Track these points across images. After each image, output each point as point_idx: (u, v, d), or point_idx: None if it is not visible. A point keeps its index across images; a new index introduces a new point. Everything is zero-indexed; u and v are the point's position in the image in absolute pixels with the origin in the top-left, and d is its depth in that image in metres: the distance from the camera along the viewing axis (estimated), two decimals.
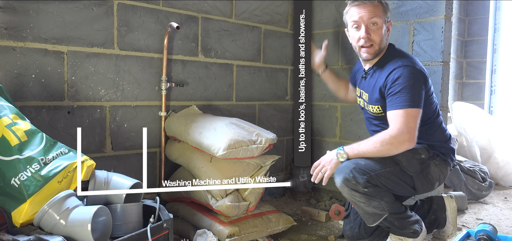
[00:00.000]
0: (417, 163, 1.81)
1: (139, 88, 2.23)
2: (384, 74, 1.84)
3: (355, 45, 1.92)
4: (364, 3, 1.85)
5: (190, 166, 2.14)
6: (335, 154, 1.83)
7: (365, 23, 1.84)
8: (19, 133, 1.44)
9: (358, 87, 2.08)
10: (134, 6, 2.17)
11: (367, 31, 1.84)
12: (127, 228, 1.55)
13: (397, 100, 1.75)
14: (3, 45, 1.78)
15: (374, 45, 1.85)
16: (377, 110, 1.91)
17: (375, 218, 1.79)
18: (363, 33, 1.84)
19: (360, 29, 1.86)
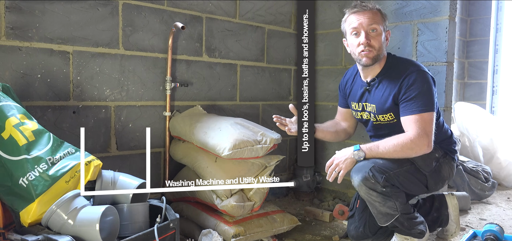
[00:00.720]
0: (432, 162, 1.84)
1: (144, 88, 2.23)
2: (396, 82, 1.84)
3: (354, 51, 1.92)
4: (363, 10, 1.87)
5: (195, 166, 2.15)
6: (351, 152, 1.82)
7: (365, 29, 1.85)
8: (27, 132, 1.44)
9: (359, 102, 2.02)
10: (139, 6, 2.18)
11: (367, 37, 1.85)
12: (134, 228, 1.56)
13: (413, 105, 1.77)
14: (9, 45, 1.79)
15: (373, 51, 1.86)
16: (388, 118, 1.90)
17: (387, 218, 1.80)
18: (363, 39, 1.85)
19: (359, 36, 1.87)
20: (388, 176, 1.74)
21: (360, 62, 1.92)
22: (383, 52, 1.89)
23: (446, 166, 1.92)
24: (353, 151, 1.81)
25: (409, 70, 1.82)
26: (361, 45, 1.86)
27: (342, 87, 2.18)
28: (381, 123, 1.94)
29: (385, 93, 1.87)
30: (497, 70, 4.78)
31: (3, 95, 1.51)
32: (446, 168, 1.92)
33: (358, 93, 2.02)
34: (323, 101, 3.03)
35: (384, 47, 1.89)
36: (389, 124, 1.91)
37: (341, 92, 2.20)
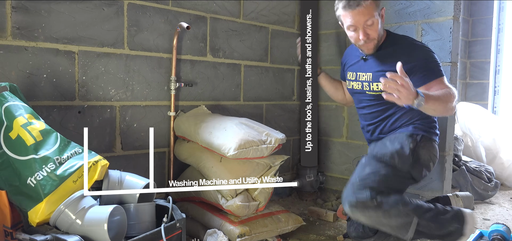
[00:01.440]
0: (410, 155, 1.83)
1: (149, 88, 2.24)
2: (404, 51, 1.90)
3: (354, 42, 1.98)
4: (357, 7, 1.84)
5: (199, 166, 2.15)
6: (415, 96, 1.58)
7: (361, 25, 1.87)
8: (35, 132, 1.44)
9: (354, 72, 2.08)
10: (144, 6, 2.18)
11: (364, 32, 1.88)
12: (141, 227, 1.56)
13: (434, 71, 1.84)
14: (16, 45, 1.79)
15: (373, 41, 1.92)
16: (375, 88, 1.96)
17: (406, 228, 1.70)
18: (361, 35, 1.88)
19: (357, 31, 1.90)
20: (371, 189, 1.68)
21: (362, 52, 2.02)
22: (382, 33, 1.96)
23: (423, 150, 1.88)
24: (418, 94, 1.59)
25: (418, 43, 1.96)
26: (360, 40, 1.90)
27: (343, 60, 2.28)
28: (374, 93, 1.98)
29: (383, 60, 1.94)
30: (499, 71, 4.79)
31: (10, 95, 1.51)
32: (424, 152, 1.88)
33: (354, 62, 2.10)
34: (326, 101, 3.03)
35: (382, 28, 1.94)
36: (378, 95, 1.95)
37: (342, 65, 2.31)
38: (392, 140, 1.90)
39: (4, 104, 1.45)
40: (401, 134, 1.91)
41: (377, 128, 2.05)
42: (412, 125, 1.93)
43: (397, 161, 1.81)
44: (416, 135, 1.90)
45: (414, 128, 1.92)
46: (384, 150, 1.86)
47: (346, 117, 2.93)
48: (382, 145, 1.91)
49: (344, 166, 2.97)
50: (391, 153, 1.81)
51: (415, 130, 1.91)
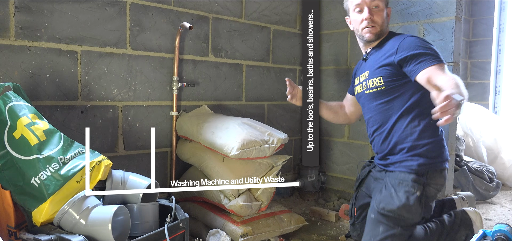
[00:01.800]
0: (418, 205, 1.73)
1: (151, 88, 2.24)
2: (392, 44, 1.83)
3: (358, 27, 1.94)
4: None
5: (202, 166, 2.15)
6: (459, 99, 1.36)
7: (368, 5, 1.88)
8: (38, 132, 1.44)
9: (357, 76, 2.04)
10: (146, 6, 2.18)
11: (370, 12, 1.87)
12: (144, 227, 1.56)
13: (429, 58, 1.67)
14: (19, 45, 1.79)
15: (376, 26, 1.89)
16: (377, 83, 1.85)
17: None
18: (366, 14, 1.87)
19: (363, 12, 1.89)
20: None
21: (363, 39, 1.96)
22: (385, 29, 1.93)
23: (430, 188, 1.78)
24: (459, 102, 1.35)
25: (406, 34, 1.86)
26: (364, 21, 1.89)
27: (353, 73, 2.17)
28: (371, 90, 1.89)
29: (379, 56, 1.87)
30: (499, 71, 4.79)
31: (14, 95, 1.51)
32: (431, 189, 1.79)
33: (359, 67, 2.07)
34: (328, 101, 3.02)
35: (386, 24, 1.93)
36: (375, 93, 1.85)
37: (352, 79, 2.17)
38: (396, 188, 1.75)
39: (8, 104, 1.46)
40: (405, 179, 1.74)
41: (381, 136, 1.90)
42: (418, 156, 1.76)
43: (407, 216, 1.72)
44: (420, 176, 1.75)
45: (419, 165, 1.75)
46: (391, 204, 1.73)
47: None
48: (387, 194, 1.77)
49: (346, 166, 2.97)
50: (398, 209, 1.71)
51: (421, 168, 1.75)
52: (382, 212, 1.75)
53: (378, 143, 1.92)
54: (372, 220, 1.80)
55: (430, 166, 1.78)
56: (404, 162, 1.79)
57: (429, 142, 1.78)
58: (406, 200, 1.71)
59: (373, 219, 1.80)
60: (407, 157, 1.78)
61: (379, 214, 1.77)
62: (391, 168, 1.84)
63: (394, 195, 1.75)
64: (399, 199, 1.73)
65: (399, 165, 1.80)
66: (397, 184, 1.76)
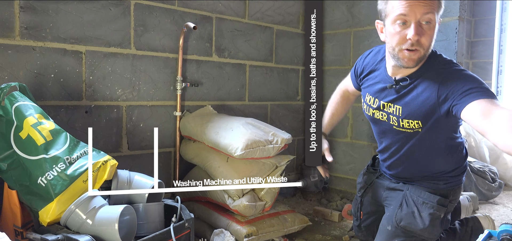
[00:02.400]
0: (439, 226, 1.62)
1: (155, 88, 2.24)
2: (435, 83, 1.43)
3: (393, 45, 1.45)
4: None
5: (206, 166, 2.15)
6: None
7: (417, 19, 1.36)
8: (45, 132, 1.45)
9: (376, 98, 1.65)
10: (151, 6, 2.18)
11: (417, 31, 1.37)
12: (150, 227, 1.56)
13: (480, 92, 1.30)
14: (24, 45, 1.79)
15: (420, 50, 1.40)
16: (414, 126, 1.51)
17: None
18: (412, 33, 1.37)
19: (408, 27, 1.38)
20: None
21: (398, 62, 1.47)
22: (429, 52, 1.45)
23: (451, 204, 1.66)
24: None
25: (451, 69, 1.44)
26: (409, 40, 1.39)
27: (358, 72, 1.81)
28: (400, 130, 1.58)
29: (421, 96, 1.47)
30: (501, 71, 4.79)
31: (20, 95, 1.51)
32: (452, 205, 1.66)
33: (378, 88, 1.63)
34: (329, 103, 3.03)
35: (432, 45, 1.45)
36: (408, 133, 1.56)
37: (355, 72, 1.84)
38: (420, 207, 1.60)
39: (15, 104, 1.46)
40: (431, 200, 1.60)
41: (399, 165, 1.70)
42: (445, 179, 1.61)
43: (428, 236, 1.61)
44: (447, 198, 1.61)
45: (446, 183, 1.61)
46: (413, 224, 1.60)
47: (351, 117, 2.94)
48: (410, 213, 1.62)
49: (349, 166, 2.97)
50: (421, 231, 1.59)
51: (448, 191, 1.61)
52: (402, 229, 1.64)
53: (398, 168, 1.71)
54: (388, 232, 1.68)
55: (455, 184, 1.66)
56: (432, 181, 1.63)
57: (456, 167, 1.65)
58: (430, 223, 1.57)
59: (390, 232, 1.67)
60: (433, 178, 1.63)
61: (398, 229, 1.64)
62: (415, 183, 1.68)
63: (417, 216, 1.60)
64: (423, 221, 1.58)
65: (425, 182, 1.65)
66: (420, 203, 1.61)
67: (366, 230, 1.96)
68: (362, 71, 1.78)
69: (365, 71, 1.75)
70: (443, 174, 1.62)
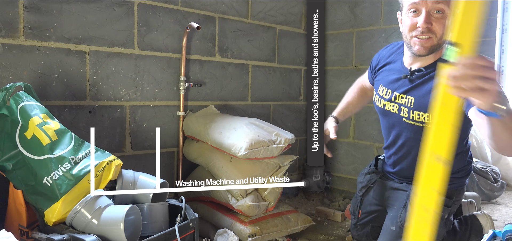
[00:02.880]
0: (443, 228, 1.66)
1: (158, 88, 2.24)
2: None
3: (407, 34, 1.50)
4: None
5: (209, 166, 2.15)
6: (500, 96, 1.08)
7: (429, 8, 1.43)
8: (50, 132, 1.45)
9: (389, 89, 1.65)
10: (154, 6, 2.18)
11: (427, 19, 1.42)
12: (154, 227, 1.56)
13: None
14: (28, 45, 1.79)
15: (432, 38, 1.44)
16: (423, 119, 1.53)
17: None
18: (421, 20, 1.43)
19: (419, 15, 1.45)
20: None
21: (411, 49, 1.52)
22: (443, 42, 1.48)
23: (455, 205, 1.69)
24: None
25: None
26: (418, 28, 1.44)
27: (373, 65, 1.83)
28: (410, 123, 1.59)
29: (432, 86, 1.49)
30: (502, 71, 4.79)
31: (25, 94, 1.51)
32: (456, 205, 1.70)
33: (392, 78, 1.64)
34: (333, 101, 3.03)
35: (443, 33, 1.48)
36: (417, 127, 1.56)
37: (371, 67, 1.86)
38: None
39: (20, 104, 1.46)
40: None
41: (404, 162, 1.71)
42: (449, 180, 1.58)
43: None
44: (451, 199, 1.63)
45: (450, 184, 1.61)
46: None
47: (353, 117, 2.94)
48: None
49: (351, 166, 2.97)
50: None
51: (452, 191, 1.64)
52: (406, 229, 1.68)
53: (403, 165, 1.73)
54: (392, 233, 1.70)
55: (459, 186, 1.68)
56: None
57: (462, 169, 1.66)
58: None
59: (394, 232, 1.69)
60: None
61: (402, 229, 1.64)
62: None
63: None
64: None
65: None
66: None
67: (361, 228, 1.96)
68: (377, 64, 1.80)
69: (380, 64, 1.77)
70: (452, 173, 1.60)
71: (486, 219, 1.97)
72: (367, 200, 1.93)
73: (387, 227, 1.72)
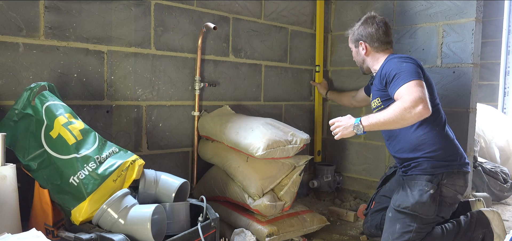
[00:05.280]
0: (431, 202, 1.85)
1: (174, 88, 2.25)
2: (380, 69, 2.03)
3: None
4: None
5: (225, 166, 2.16)
6: (352, 125, 1.85)
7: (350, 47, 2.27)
8: (75, 131, 1.46)
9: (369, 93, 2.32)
10: (170, 7, 2.19)
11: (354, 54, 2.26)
12: (177, 226, 1.57)
13: (397, 81, 1.85)
14: (48, 45, 1.80)
15: (358, 64, 2.27)
16: (377, 103, 2.05)
17: None
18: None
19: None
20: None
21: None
22: (363, 62, 2.20)
23: (447, 188, 1.89)
24: (354, 124, 1.85)
25: (386, 58, 2.04)
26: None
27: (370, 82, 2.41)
28: (375, 110, 2.07)
29: (375, 80, 2.08)
30: (509, 72, 4.80)
31: (50, 94, 1.52)
32: (449, 189, 1.89)
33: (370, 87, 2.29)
34: None
35: (361, 58, 2.19)
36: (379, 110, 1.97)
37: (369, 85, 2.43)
38: (412, 187, 1.90)
39: (45, 104, 1.47)
40: (420, 179, 1.90)
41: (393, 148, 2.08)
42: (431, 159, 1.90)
43: (421, 212, 1.85)
44: (435, 176, 1.88)
45: (433, 166, 1.89)
46: (406, 201, 1.87)
47: None
48: (404, 194, 1.91)
49: (362, 166, 2.98)
50: (412, 206, 1.85)
51: (434, 169, 1.89)
52: (398, 209, 1.89)
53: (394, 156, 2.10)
54: (390, 219, 1.93)
55: (445, 168, 1.89)
56: (418, 166, 1.93)
57: (438, 148, 1.90)
58: (420, 197, 1.85)
59: (391, 218, 1.93)
60: (420, 161, 1.92)
61: (396, 212, 1.90)
62: (408, 173, 1.99)
63: (409, 194, 1.89)
64: (413, 196, 1.87)
65: (415, 169, 1.95)
66: (412, 184, 1.91)
67: (371, 218, 2.15)
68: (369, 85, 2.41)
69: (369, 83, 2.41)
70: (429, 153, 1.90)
71: (493, 214, 2.01)
72: (382, 191, 2.21)
73: (386, 216, 1.97)
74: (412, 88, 1.77)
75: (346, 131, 1.87)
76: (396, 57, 1.98)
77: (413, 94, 1.74)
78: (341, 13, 3.04)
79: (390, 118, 1.76)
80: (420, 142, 1.92)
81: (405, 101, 1.73)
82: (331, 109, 3.13)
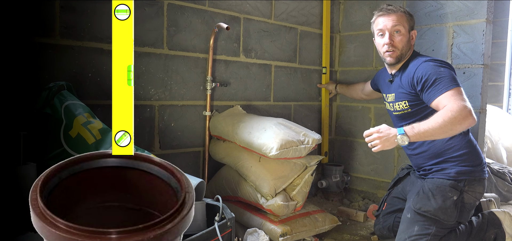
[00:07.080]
0: (454, 209, 1.83)
1: (185, 88, 2.25)
2: (410, 70, 1.95)
3: (380, 50, 2.07)
4: (388, 12, 2.01)
5: (237, 166, 2.16)
6: (395, 136, 1.73)
7: (389, 30, 1.99)
8: (94, 131, 1.46)
9: (385, 93, 2.19)
10: (183, 7, 2.19)
11: (390, 38, 1.99)
12: (194, 226, 1.57)
13: (437, 87, 1.80)
14: (63, 44, 1.80)
15: (396, 51, 1.99)
16: (403, 106, 1.99)
17: None
18: (386, 40, 1.99)
19: (384, 37, 2.01)
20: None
21: (385, 61, 2.09)
22: (406, 51, 2.01)
23: (469, 195, 1.88)
24: (397, 135, 1.73)
25: (422, 59, 1.94)
26: (385, 45, 2.00)
27: (375, 78, 2.44)
28: (398, 113, 2.04)
29: (402, 81, 2.00)
30: None
31: (68, 94, 1.53)
32: (470, 196, 1.89)
33: (385, 85, 2.18)
34: (352, 102, 3.05)
35: (408, 47, 2.01)
36: (405, 115, 2.00)
37: (374, 79, 2.44)
38: (434, 191, 1.86)
39: (64, 103, 1.47)
40: (443, 184, 1.86)
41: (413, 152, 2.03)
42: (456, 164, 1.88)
43: (442, 217, 1.82)
44: (458, 182, 1.87)
45: (457, 172, 1.87)
46: (428, 205, 1.84)
47: (373, 118, 2.95)
48: (425, 197, 1.87)
49: (371, 167, 2.99)
50: (435, 210, 1.82)
51: (459, 175, 1.87)
52: (419, 212, 1.85)
53: (412, 157, 2.07)
54: (408, 220, 1.90)
55: (468, 174, 1.89)
56: (442, 171, 1.92)
57: (463, 153, 1.90)
58: (443, 203, 1.83)
59: (409, 219, 1.89)
60: (444, 166, 1.91)
61: (416, 214, 1.87)
62: (429, 176, 1.97)
63: (431, 198, 1.86)
64: (436, 201, 1.84)
65: (437, 173, 1.93)
66: (435, 188, 1.88)
67: (384, 221, 2.13)
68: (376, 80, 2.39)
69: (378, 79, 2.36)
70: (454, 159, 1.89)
71: (504, 215, 2.03)
72: (394, 192, 2.19)
73: (404, 217, 1.94)
74: (457, 96, 1.74)
75: (387, 142, 1.74)
76: (430, 60, 1.92)
77: (459, 103, 1.70)
78: (350, 13, 3.04)
79: (439, 129, 1.69)
80: (447, 146, 1.90)
81: (454, 111, 1.68)
82: (339, 110, 3.14)
